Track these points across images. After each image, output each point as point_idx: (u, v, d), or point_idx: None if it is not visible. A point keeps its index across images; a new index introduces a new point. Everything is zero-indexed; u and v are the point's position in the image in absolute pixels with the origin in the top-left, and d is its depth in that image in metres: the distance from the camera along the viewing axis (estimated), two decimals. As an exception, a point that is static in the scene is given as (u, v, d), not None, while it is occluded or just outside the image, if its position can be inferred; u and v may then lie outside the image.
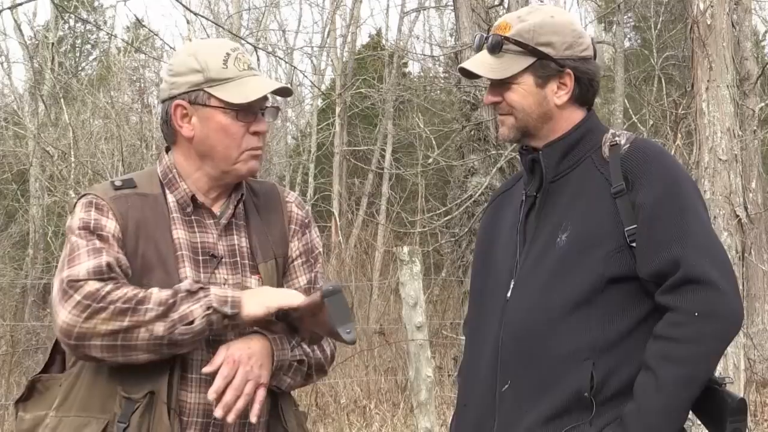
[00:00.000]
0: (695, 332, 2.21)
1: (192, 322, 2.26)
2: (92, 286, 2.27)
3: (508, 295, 2.41)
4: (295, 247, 2.61)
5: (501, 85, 2.45)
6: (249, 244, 2.52)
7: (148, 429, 2.29)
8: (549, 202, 2.42)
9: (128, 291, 2.28)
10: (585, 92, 2.47)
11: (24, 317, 14.47)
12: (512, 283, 2.41)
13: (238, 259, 2.49)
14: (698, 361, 2.22)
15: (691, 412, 2.32)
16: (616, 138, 2.40)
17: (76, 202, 2.47)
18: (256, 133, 2.46)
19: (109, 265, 2.32)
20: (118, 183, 2.47)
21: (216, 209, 2.51)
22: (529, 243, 2.42)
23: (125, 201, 2.43)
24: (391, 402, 9.14)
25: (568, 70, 2.42)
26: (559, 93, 2.43)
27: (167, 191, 2.48)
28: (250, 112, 2.43)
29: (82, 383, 2.35)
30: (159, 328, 2.25)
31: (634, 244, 2.28)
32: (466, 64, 2.49)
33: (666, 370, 2.21)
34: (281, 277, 2.56)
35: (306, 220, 2.66)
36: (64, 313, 2.26)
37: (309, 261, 2.63)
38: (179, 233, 2.43)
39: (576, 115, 2.47)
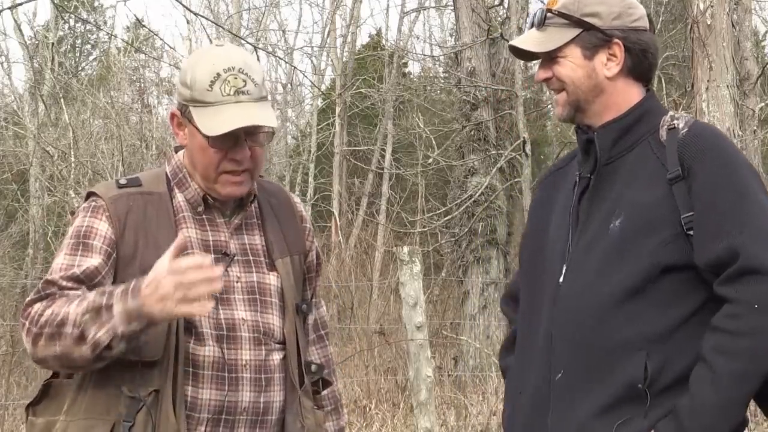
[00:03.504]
0: (754, 325, 2.14)
1: (110, 347, 2.25)
2: (34, 310, 2.32)
3: (561, 280, 2.35)
4: (313, 249, 2.67)
5: (550, 60, 2.40)
6: (265, 242, 2.53)
7: (154, 427, 2.29)
8: (602, 185, 2.36)
9: (54, 309, 2.29)
10: (638, 64, 2.39)
11: (24, 317, 14.44)
12: (564, 267, 2.36)
13: (251, 257, 2.50)
14: (755, 355, 2.15)
15: (756, 407, 2.26)
16: (675, 121, 2.33)
17: (83, 202, 2.50)
18: (235, 160, 2.41)
19: (66, 267, 2.35)
20: (122, 182, 2.48)
21: (225, 208, 2.51)
22: (581, 226, 2.36)
23: (126, 200, 2.43)
24: (391, 402, 9.13)
25: (617, 41, 2.36)
26: (609, 65, 2.37)
27: (177, 190, 2.49)
28: (227, 138, 2.37)
29: (88, 386, 2.36)
30: (86, 351, 2.25)
31: (690, 232, 2.21)
32: (514, 41, 2.46)
33: (721, 363, 2.14)
34: (298, 273, 2.58)
35: (312, 222, 2.72)
36: (23, 339, 2.35)
37: (320, 264, 2.71)
38: (189, 232, 2.44)
39: (632, 90, 2.40)
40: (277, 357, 2.47)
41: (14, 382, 9.21)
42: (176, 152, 2.55)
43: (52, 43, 20.53)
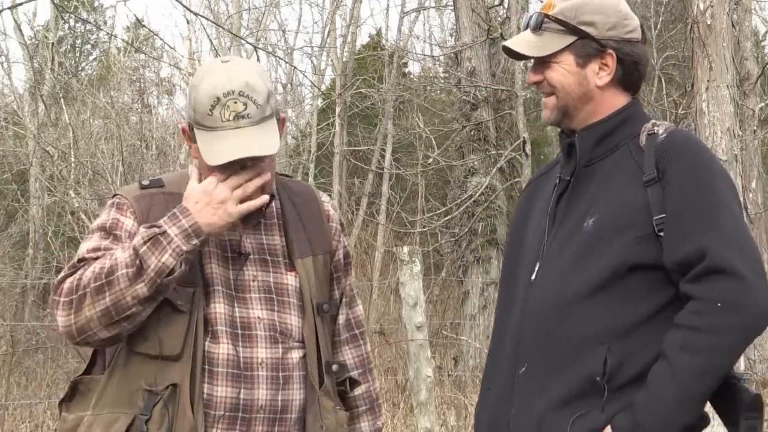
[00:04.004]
0: (716, 323, 2.17)
1: (172, 272, 2.30)
2: (68, 282, 2.35)
3: (533, 277, 2.39)
4: (341, 248, 2.67)
5: (542, 64, 2.43)
6: (285, 242, 2.54)
7: (171, 421, 2.33)
8: (580, 187, 2.40)
9: (96, 266, 2.34)
10: (628, 75, 2.43)
11: (24, 317, 14.45)
12: (537, 265, 2.40)
13: (269, 256, 2.52)
14: (716, 353, 2.18)
15: (712, 410, 2.29)
16: (655, 128, 2.37)
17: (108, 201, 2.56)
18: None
19: (95, 249, 2.40)
20: (145, 182, 2.53)
21: None
22: (557, 226, 2.41)
23: (149, 199, 2.48)
24: (391, 402, 9.13)
25: (610, 51, 2.40)
26: (600, 74, 2.41)
27: None
28: (229, 163, 2.38)
29: (113, 381, 2.41)
30: (142, 289, 2.30)
31: (662, 234, 2.25)
32: (508, 42, 2.48)
33: (682, 358, 2.17)
34: (322, 273, 2.58)
35: (341, 222, 2.71)
36: (59, 319, 2.35)
37: (348, 264, 2.71)
38: None
39: (618, 99, 2.44)
40: (295, 355, 2.48)
41: (14, 382, 9.21)
42: None
43: (52, 43, 20.52)
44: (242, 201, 2.36)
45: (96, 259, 2.37)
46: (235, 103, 2.36)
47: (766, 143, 17.08)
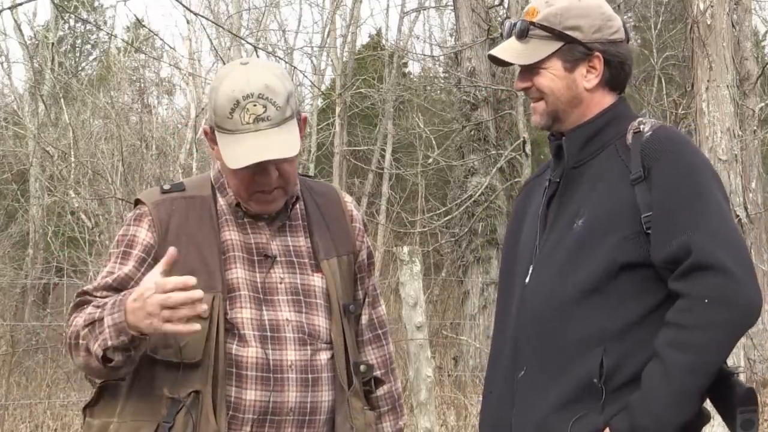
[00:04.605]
0: (704, 319, 2.17)
1: (108, 359, 2.31)
2: (70, 320, 2.40)
3: (527, 280, 2.40)
4: (364, 248, 2.66)
5: (530, 71, 2.44)
6: (310, 243, 2.53)
7: (194, 428, 2.32)
8: (569, 188, 2.41)
9: (75, 321, 2.37)
10: (616, 76, 2.45)
11: (24, 317, 14.47)
12: (530, 268, 2.41)
13: (295, 258, 2.51)
14: (706, 349, 2.18)
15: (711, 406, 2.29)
16: (641, 126, 2.37)
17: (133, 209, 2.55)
18: (262, 182, 2.42)
19: (105, 283, 2.43)
20: (166, 187, 2.53)
21: None
22: (548, 229, 2.41)
23: (169, 205, 2.47)
24: (391, 402, 9.14)
25: (597, 53, 2.41)
26: (588, 77, 2.42)
27: (219, 195, 2.51)
28: (250, 165, 2.37)
29: (135, 389, 2.41)
30: (96, 363, 2.33)
31: (650, 231, 2.25)
32: (495, 51, 2.49)
33: (672, 356, 2.18)
34: (347, 274, 2.58)
35: (364, 222, 2.70)
36: None
37: (372, 263, 2.70)
38: (232, 235, 2.47)
39: (606, 99, 2.45)
40: (324, 357, 2.47)
41: (14, 382, 9.21)
42: None
43: (52, 43, 20.54)
44: (171, 321, 2.22)
45: (94, 297, 2.41)
46: (255, 105, 2.35)
47: (766, 143, 17.08)
